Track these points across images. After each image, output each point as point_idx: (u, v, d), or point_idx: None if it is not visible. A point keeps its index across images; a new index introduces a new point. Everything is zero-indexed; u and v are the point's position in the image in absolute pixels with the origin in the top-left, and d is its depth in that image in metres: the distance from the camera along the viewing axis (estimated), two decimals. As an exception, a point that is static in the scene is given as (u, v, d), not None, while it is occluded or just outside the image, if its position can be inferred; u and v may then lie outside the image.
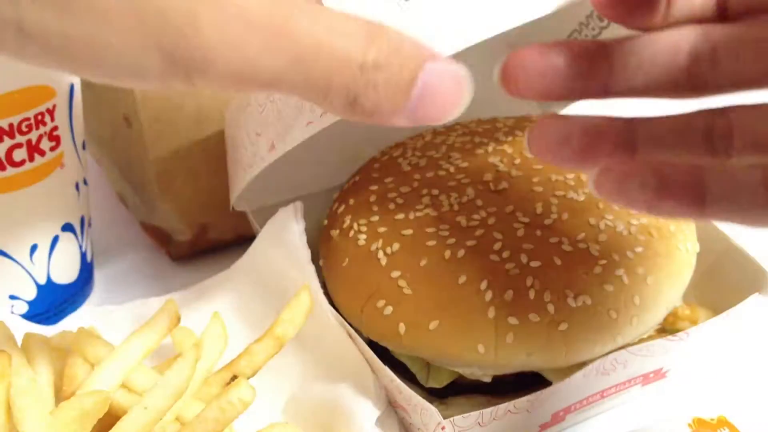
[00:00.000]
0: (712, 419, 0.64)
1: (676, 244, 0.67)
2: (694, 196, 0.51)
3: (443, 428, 0.61)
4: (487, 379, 0.64)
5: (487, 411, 0.61)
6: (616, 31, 0.59)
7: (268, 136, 0.68)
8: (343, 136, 0.90)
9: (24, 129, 0.69)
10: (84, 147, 0.77)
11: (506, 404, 0.61)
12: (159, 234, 0.88)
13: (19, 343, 0.65)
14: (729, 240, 0.73)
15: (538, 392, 0.61)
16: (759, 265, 0.70)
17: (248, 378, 0.63)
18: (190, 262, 0.88)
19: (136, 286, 0.85)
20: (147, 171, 0.84)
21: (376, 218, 0.70)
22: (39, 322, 0.75)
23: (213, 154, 0.77)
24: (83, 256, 0.79)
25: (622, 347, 0.64)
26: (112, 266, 0.87)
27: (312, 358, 0.70)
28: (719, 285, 0.73)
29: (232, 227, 0.82)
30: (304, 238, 0.71)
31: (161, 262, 0.89)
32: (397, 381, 0.63)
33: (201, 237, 0.87)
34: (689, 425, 0.64)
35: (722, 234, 0.74)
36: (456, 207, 0.68)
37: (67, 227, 0.76)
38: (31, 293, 0.75)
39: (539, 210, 0.67)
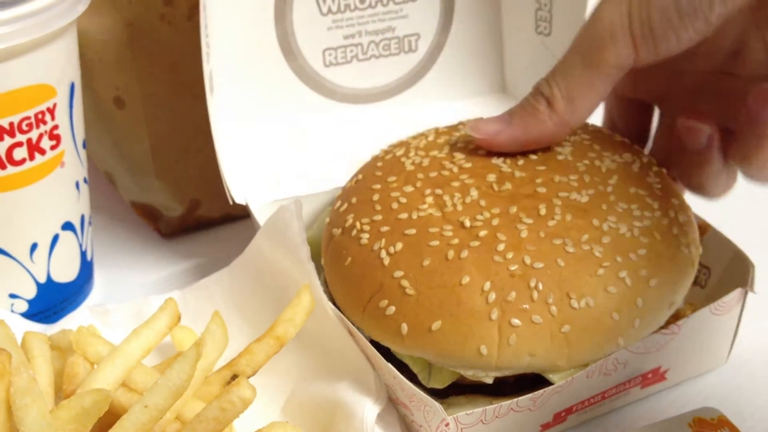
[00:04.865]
0: (712, 419, 0.64)
1: (679, 246, 0.67)
2: None
3: (447, 425, 0.60)
4: (489, 381, 0.64)
5: (490, 408, 0.61)
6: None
7: None
8: (344, 134, 0.90)
9: (24, 128, 0.69)
10: (84, 146, 0.77)
11: (509, 402, 0.61)
12: (149, 211, 0.89)
13: (19, 341, 0.65)
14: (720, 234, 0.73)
15: (542, 391, 0.61)
16: (747, 259, 0.70)
17: (249, 377, 0.63)
18: (180, 238, 0.90)
19: (126, 263, 0.88)
20: (141, 150, 0.84)
21: (378, 217, 0.69)
22: (39, 320, 0.75)
23: (206, 130, 0.77)
24: (83, 254, 0.79)
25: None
26: (102, 244, 0.88)
27: (312, 356, 0.70)
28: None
29: (221, 205, 0.82)
30: (304, 236, 0.71)
31: (152, 238, 0.91)
32: (400, 377, 0.63)
33: (191, 213, 0.89)
34: (689, 425, 0.64)
35: (720, 234, 0.74)
36: (459, 207, 0.68)
37: (68, 226, 0.76)
38: (31, 292, 0.75)
39: (543, 211, 0.66)
